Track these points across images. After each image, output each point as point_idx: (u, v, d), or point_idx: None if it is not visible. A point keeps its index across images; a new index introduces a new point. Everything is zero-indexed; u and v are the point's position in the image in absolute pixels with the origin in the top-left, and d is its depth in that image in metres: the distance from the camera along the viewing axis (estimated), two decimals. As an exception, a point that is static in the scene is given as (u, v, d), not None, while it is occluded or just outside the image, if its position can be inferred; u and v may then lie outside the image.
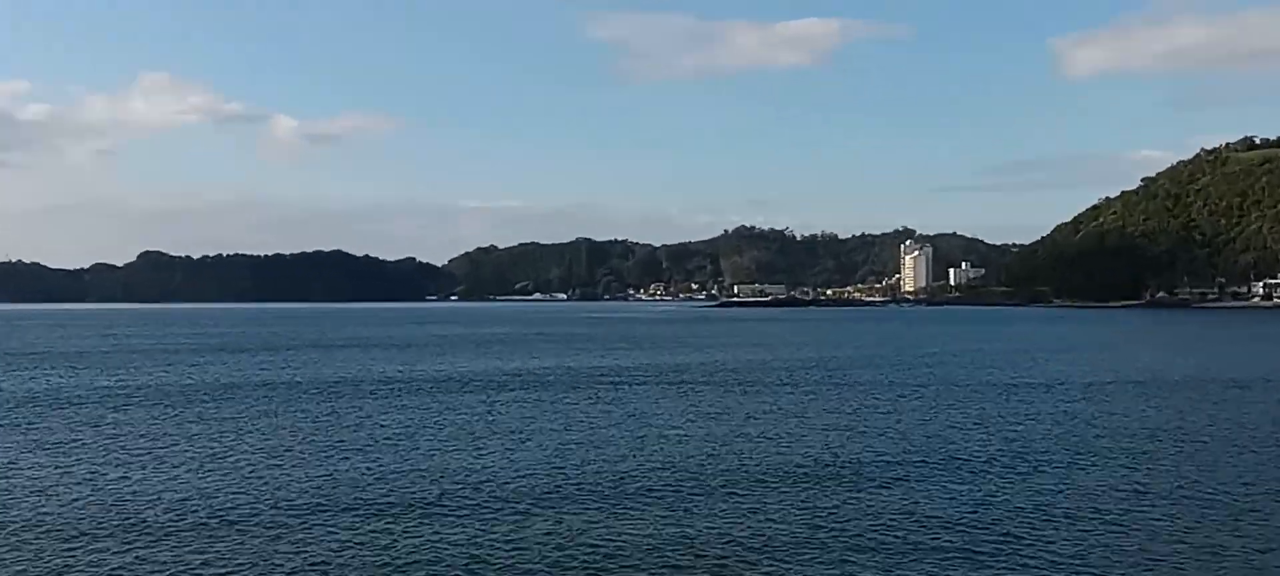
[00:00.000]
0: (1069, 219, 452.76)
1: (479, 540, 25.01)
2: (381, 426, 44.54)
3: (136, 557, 23.67)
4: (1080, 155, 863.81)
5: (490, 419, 47.12)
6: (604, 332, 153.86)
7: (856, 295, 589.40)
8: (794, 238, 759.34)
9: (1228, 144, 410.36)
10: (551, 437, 41.18)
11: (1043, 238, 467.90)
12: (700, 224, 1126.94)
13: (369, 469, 34.14)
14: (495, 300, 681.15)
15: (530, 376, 71.14)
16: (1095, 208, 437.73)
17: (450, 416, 48.13)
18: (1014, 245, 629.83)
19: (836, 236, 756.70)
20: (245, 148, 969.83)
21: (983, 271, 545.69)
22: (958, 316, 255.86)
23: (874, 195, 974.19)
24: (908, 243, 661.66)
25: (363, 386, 63.76)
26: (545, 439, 40.84)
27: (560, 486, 31.13)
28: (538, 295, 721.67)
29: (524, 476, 32.72)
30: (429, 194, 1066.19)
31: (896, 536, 25.35)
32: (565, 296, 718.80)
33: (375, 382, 66.45)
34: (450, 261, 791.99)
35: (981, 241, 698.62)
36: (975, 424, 45.31)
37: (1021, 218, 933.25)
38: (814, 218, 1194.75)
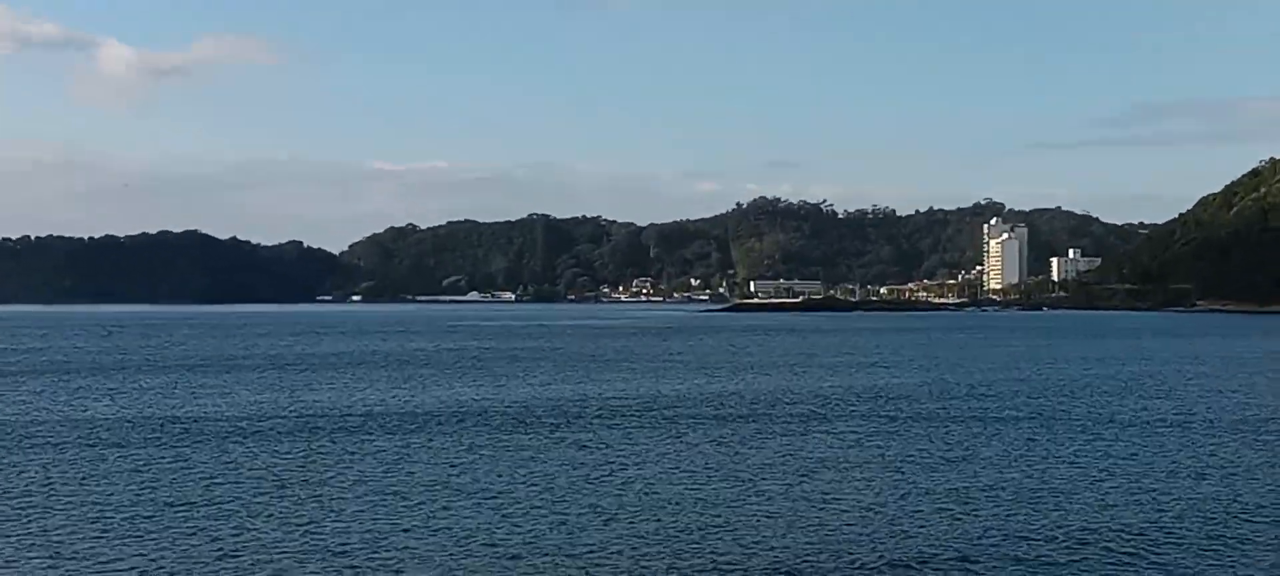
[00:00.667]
0: (1218, 188, 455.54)
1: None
2: (243, 481, 44.53)
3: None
4: (1233, 99, 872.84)
5: (397, 471, 47.11)
6: (563, 349, 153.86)
7: (922, 295, 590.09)
8: (833, 214, 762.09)
9: None
10: (481, 498, 41.22)
11: (1182, 215, 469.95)
12: (702, 195, 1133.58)
13: (220, 540, 34.12)
14: (414, 302, 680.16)
15: (456, 411, 71.22)
16: (1255, 173, 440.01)
17: (340, 467, 48.12)
18: (1141, 225, 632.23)
19: (893, 213, 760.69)
20: (61, 87, 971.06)
21: (1098, 262, 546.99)
22: (1063, 326, 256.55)
23: (945, 155, 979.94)
24: (993, 222, 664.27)
25: (219, 424, 63.79)
26: (472, 500, 40.85)
27: (488, 571, 31.01)
28: (474, 295, 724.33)
29: (440, 550, 32.66)
30: (322, 152, 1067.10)
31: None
32: (513, 296, 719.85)
33: (236, 419, 66.49)
34: (352, 247, 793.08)
35: (1095, 220, 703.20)
36: (1077, 477, 45.60)
37: (1151, 186, 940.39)
38: (861, 187, 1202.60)
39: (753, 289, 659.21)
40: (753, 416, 68.22)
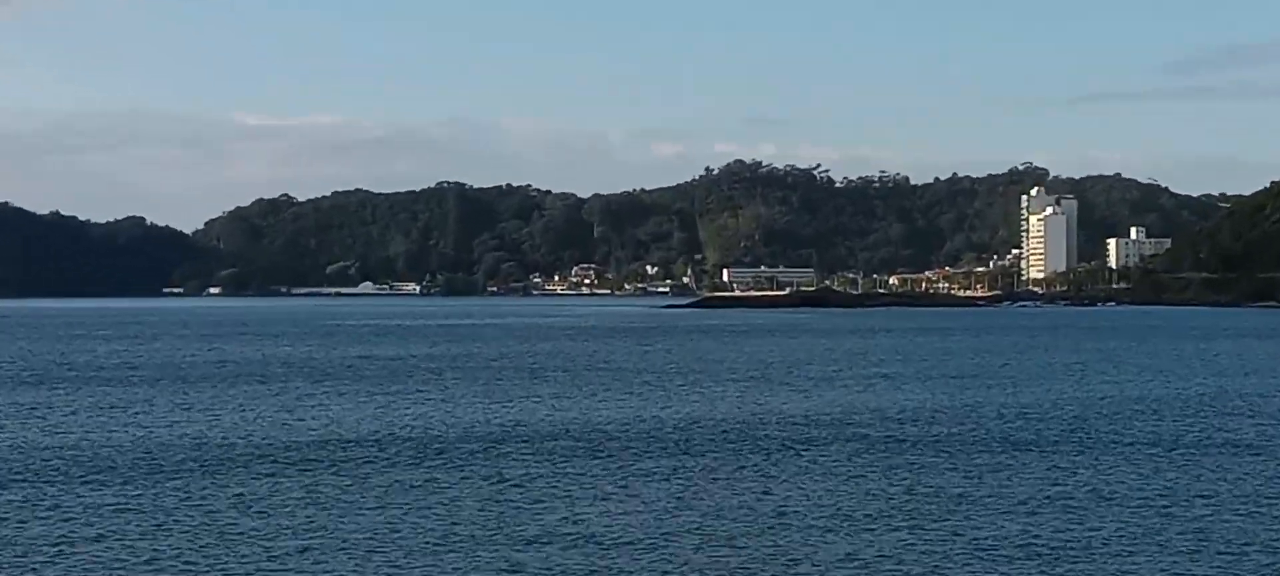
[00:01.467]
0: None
1: None
2: (46, 532, 44.02)
3: None
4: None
5: (253, 517, 46.76)
6: (477, 356, 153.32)
7: (943, 286, 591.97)
8: (830, 183, 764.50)
9: None
10: (363, 550, 41.28)
11: (1275, 183, 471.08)
12: (661, 160, 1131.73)
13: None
14: (290, 294, 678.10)
15: (335, 438, 71.04)
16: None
17: (182, 511, 47.63)
18: (1222, 197, 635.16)
19: (907, 181, 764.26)
20: None
21: (1167, 243, 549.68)
22: (1123, 325, 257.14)
23: (972, 108, 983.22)
24: (1033, 193, 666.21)
25: (19, 456, 63.20)
26: (351, 552, 40.93)
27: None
28: (368, 286, 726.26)
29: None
30: (173, 103, 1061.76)
31: None
32: (417, 288, 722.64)
33: (42, 449, 65.91)
34: (210, 225, 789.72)
35: (1165, 189, 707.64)
36: (1132, 522, 45.58)
37: (1236, 147, 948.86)
38: (865, 148, 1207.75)
39: (726, 278, 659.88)
40: (715, 445, 68.20)
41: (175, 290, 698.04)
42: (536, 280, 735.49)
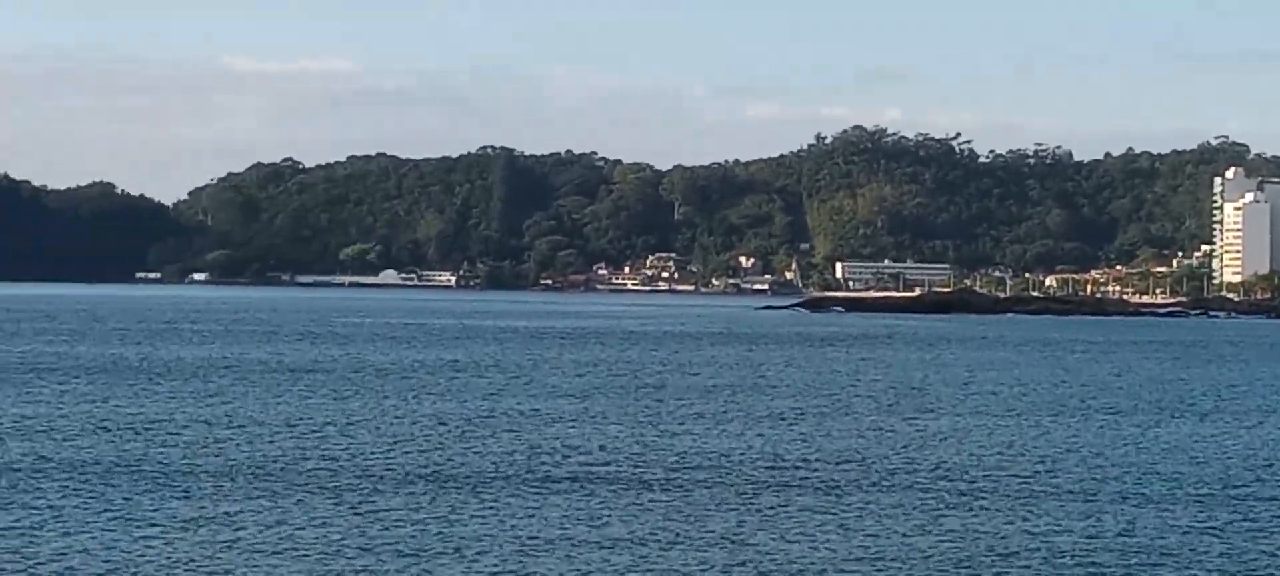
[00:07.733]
0: None
1: None
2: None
3: None
4: None
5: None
6: (527, 368, 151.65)
7: (1113, 290, 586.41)
8: (972, 157, 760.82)
9: None
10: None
11: None
12: (759, 124, 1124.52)
13: None
14: (294, 283, 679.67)
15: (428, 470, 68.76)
16: None
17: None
18: None
19: (1070, 156, 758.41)
20: None
21: None
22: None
23: (1149, 64, 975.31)
24: (1229, 175, 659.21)
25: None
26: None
27: None
28: (392, 275, 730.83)
29: None
30: (149, 43, 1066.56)
31: None
32: (451, 279, 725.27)
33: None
34: (194, 195, 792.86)
35: None
36: None
37: None
38: (1015, 114, 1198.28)
39: (840, 274, 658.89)
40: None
41: (150, 276, 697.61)
42: (602, 272, 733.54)
